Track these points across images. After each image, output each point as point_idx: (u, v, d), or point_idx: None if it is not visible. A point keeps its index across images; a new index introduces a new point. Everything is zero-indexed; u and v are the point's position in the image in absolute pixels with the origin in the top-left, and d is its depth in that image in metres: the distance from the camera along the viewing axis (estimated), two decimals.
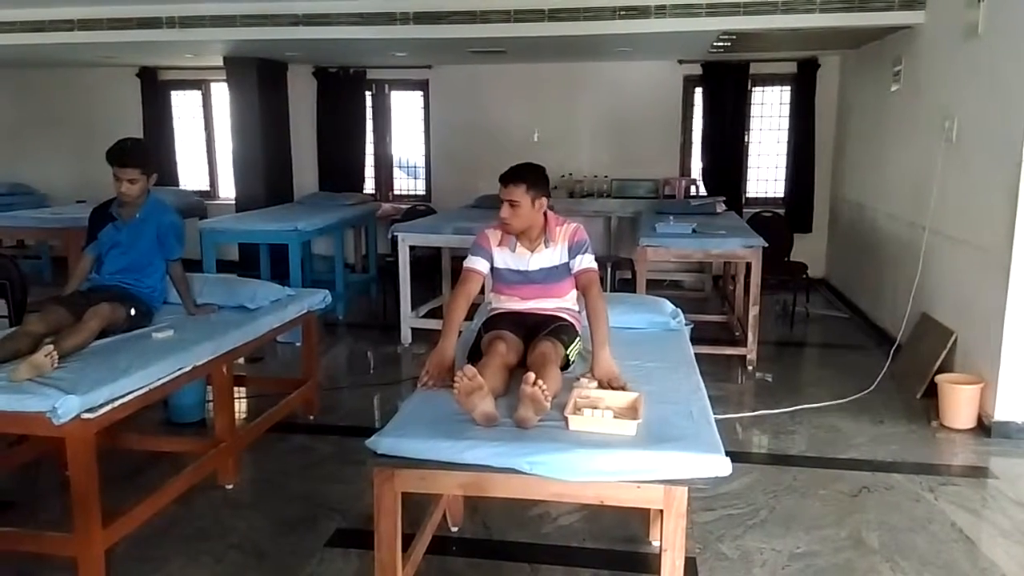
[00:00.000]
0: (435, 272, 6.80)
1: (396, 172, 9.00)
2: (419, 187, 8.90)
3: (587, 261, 2.84)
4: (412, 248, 5.88)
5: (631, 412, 2.30)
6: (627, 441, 2.13)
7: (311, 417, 4.40)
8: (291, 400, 4.20)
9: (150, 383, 2.90)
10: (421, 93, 8.55)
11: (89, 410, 2.58)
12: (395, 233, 5.83)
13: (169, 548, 3.03)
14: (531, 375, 2.24)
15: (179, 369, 3.10)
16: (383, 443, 2.16)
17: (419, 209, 7.78)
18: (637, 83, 7.97)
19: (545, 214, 2.87)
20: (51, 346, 2.76)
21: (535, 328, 2.77)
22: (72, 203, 7.95)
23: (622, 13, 5.58)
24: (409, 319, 5.93)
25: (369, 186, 8.79)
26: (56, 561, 2.84)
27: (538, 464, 2.06)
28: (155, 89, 8.84)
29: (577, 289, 2.91)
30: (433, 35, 5.90)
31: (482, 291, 3.10)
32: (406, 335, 5.92)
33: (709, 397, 2.51)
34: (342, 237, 7.11)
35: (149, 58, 8.15)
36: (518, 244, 2.88)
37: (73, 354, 2.90)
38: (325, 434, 4.24)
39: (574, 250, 2.86)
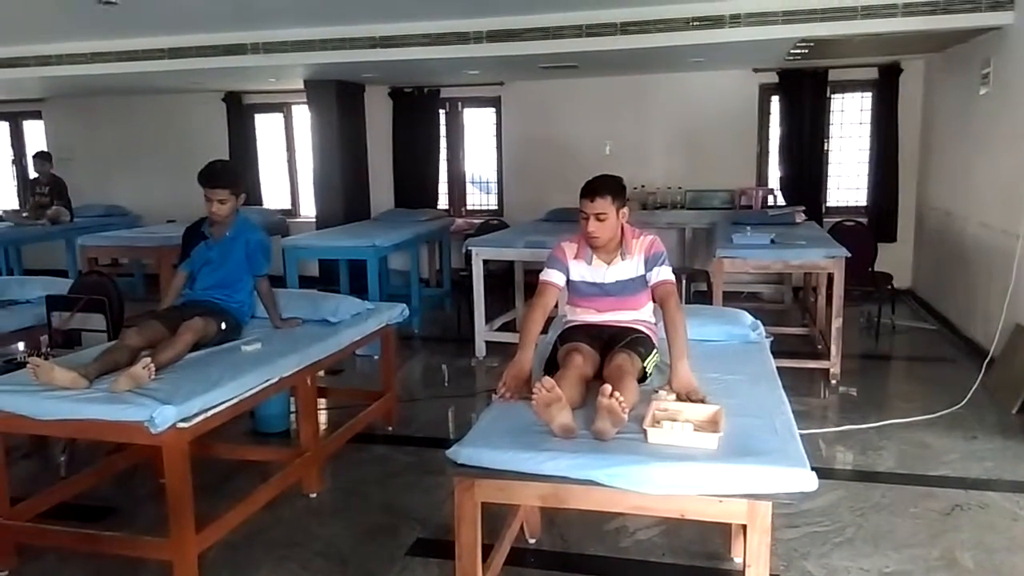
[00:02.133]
0: (508, 286, 6.86)
1: (469, 187, 9.13)
2: (491, 202, 8.99)
3: (664, 273, 2.83)
4: (485, 262, 5.95)
5: (712, 425, 2.27)
6: (708, 454, 2.11)
7: (389, 428, 4.49)
8: (371, 411, 4.30)
9: (240, 394, 3.02)
10: (493, 110, 8.66)
11: (184, 420, 2.70)
12: (469, 248, 5.91)
13: (258, 554, 3.14)
14: (608, 387, 2.24)
15: (267, 381, 3.22)
16: (463, 453, 2.19)
17: (492, 224, 7.86)
18: (711, 93, 7.89)
19: (622, 226, 2.87)
20: (148, 359, 2.90)
21: (611, 340, 2.77)
22: (163, 222, 8.34)
23: (696, 24, 5.55)
24: (483, 332, 5.98)
25: (443, 202, 8.93)
26: (152, 565, 2.98)
27: (617, 476, 2.06)
28: (240, 112, 9.21)
29: (654, 301, 2.90)
30: (506, 52, 5.98)
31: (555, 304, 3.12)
32: (480, 348, 5.98)
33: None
34: (417, 252, 7.24)
35: (234, 83, 8.50)
36: (594, 257, 2.89)
37: (168, 366, 3.05)
38: (403, 445, 4.32)
39: (651, 262, 2.85)
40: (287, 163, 9.44)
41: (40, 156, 8.41)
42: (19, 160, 10.21)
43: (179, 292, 3.71)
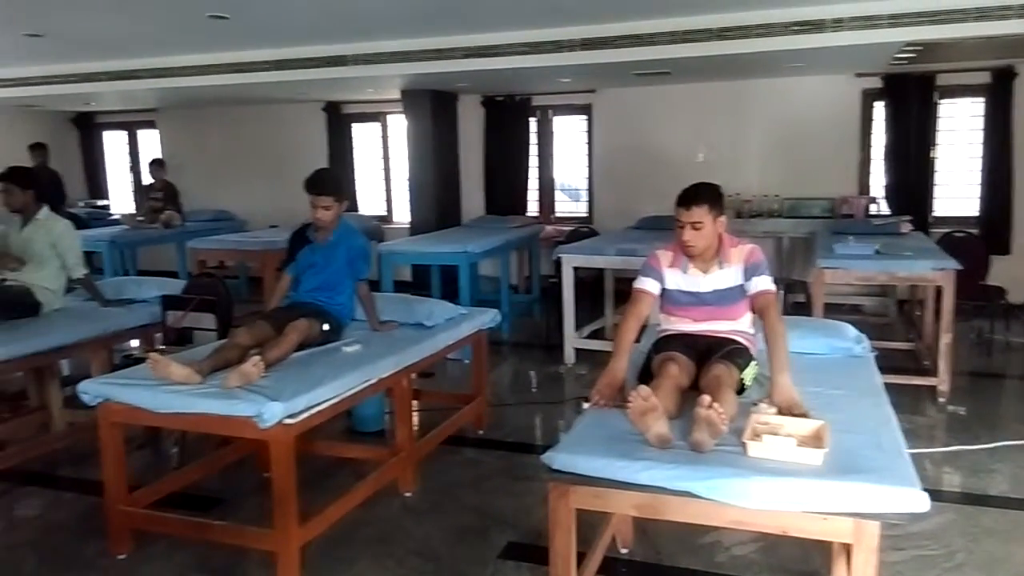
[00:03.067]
0: (598, 293, 6.84)
1: (558, 195, 9.15)
2: (581, 209, 8.99)
3: (764, 283, 2.77)
4: (575, 269, 5.95)
5: (815, 441, 2.22)
6: (812, 470, 2.06)
7: (480, 432, 4.54)
8: (462, 415, 4.38)
9: (341, 393, 3.13)
10: (584, 117, 8.66)
11: (290, 416, 2.82)
12: (559, 255, 5.93)
13: (355, 549, 3.24)
14: (706, 397, 2.22)
15: (366, 381, 3.32)
16: (558, 459, 2.20)
17: (582, 231, 7.85)
18: (810, 98, 7.66)
19: (720, 235, 2.83)
20: (258, 357, 3.04)
21: (708, 351, 2.74)
22: (266, 227, 8.70)
23: (796, 28, 5.41)
24: (572, 339, 5.99)
25: (532, 209, 8.99)
26: (255, 555, 3.11)
27: (716, 489, 2.04)
28: (339, 122, 9.52)
29: (753, 312, 2.85)
30: (599, 60, 5.98)
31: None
32: (569, 355, 5.98)
33: None
34: (507, 258, 7.31)
35: (334, 93, 8.79)
36: (690, 265, 2.86)
37: (275, 365, 3.18)
38: (493, 449, 4.36)
39: (750, 271, 2.80)
40: (383, 171, 9.70)
41: (155, 163, 8.92)
42: (135, 167, 10.85)
43: (284, 294, 3.87)
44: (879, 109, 7.62)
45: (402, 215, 9.29)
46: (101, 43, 6.52)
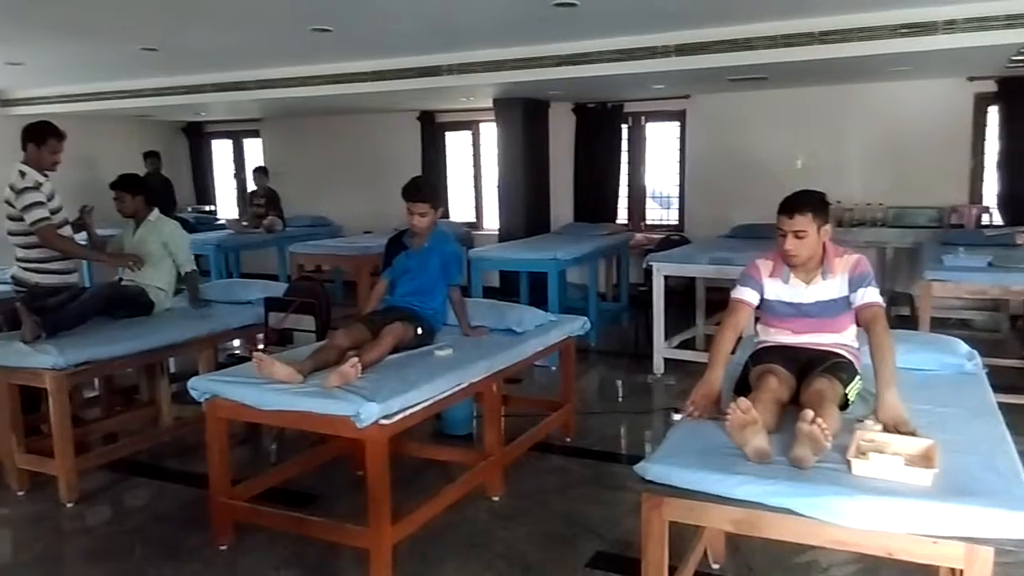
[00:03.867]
0: (688, 303, 6.72)
1: (648, 202, 9.06)
2: (671, 217, 8.87)
3: (871, 295, 2.67)
4: (666, 278, 5.87)
5: (924, 460, 2.11)
6: (921, 491, 1.96)
7: (568, 439, 4.53)
8: (550, 422, 4.38)
9: (434, 396, 3.18)
10: (678, 123, 8.55)
11: (386, 417, 2.89)
12: (650, 263, 5.86)
13: (444, 550, 3.28)
14: (809, 412, 2.15)
15: (457, 385, 3.37)
16: (652, 470, 2.18)
17: (673, 239, 7.75)
18: (918, 103, 7.33)
19: (824, 244, 2.74)
20: (356, 359, 3.13)
21: (809, 364, 2.65)
22: (361, 233, 8.95)
23: (904, 31, 5.19)
24: (662, 349, 5.91)
25: (622, 216, 8.93)
26: (348, 552, 3.19)
27: (818, 507, 1.97)
28: (432, 130, 9.71)
29: (859, 324, 2.74)
30: (695, 66, 5.88)
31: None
32: (658, 365, 5.90)
33: None
34: (596, 266, 7.28)
35: (429, 102, 8.97)
36: (792, 275, 2.78)
37: (371, 367, 3.26)
38: (580, 457, 4.35)
39: (855, 283, 2.70)
40: (473, 178, 9.83)
41: (258, 171, 9.32)
42: (239, 174, 11.35)
43: (380, 298, 3.97)
44: (993, 114, 7.23)
45: (491, 222, 9.38)
46: (210, 56, 6.86)
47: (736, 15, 5.35)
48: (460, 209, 9.88)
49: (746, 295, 2.83)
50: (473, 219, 9.80)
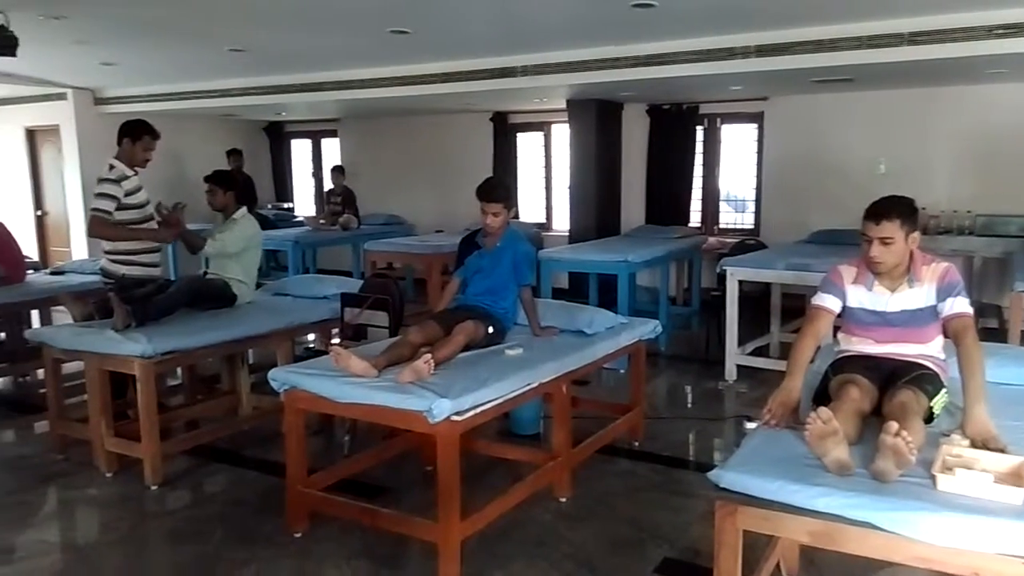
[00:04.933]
0: (762, 309, 6.59)
1: (723, 206, 8.91)
2: (746, 221, 8.70)
3: (960, 305, 2.57)
4: (740, 283, 5.76)
5: (1015, 478, 2.03)
6: (1011, 510, 1.89)
7: (636, 443, 4.50)
8: (619, 425, 4.35)
9: (504, 395, 3.21)
10: (755, 125, 8.38)
11: (457, 413, 2.92)
12: (724, 267, 5.76)
13: (511, 548, 3.30)
14: (894, 424, 2.09)
15: (527, 385, 3.38)
16: (726, 477, 2.15)
17: (748, 243, 7.60)
18: (1012, 107, 7.00)
19: (911, 252, 2.65)
20: (429, 355, 3.18)
21: (893, 375, 2.57)
22: (432, 232, 9.08)
23: (1000, 32, 4.96)
24: (734, 355, 5.80)
25: (695, 219, 8.80)
26: (417, 545, 3.23)
27: (901, 522, 1.92)
28: (504, 131, 9.76)
29: (946, 336, 2.64)
30: (776, 67, 5.75)
31: None
32: (731, 371, 5.80)
33: None
34: (667, 269, 7.19)
35: (502, 103, 9.03)
36: (876, 283, 2.70)
37: (443, 363, 3.31)
38: (648, 461, 4.31)
39: (943, 292, 2.60)
40: (544, 179, 9.85)
41: (336, 170, 9.55)
42: (317, 173, 11.64)
43: (453, 296, 4.02)
44: None
45: (561, 223, 9.38)
46: (293, 57, 7.06)
47: (820, 15, 5.22)
48: (530, 210, 9.91)
49: (827, 302, 2.75)
50: (543, 220, 9.82)
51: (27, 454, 4.54)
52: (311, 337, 6.45)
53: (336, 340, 4.84)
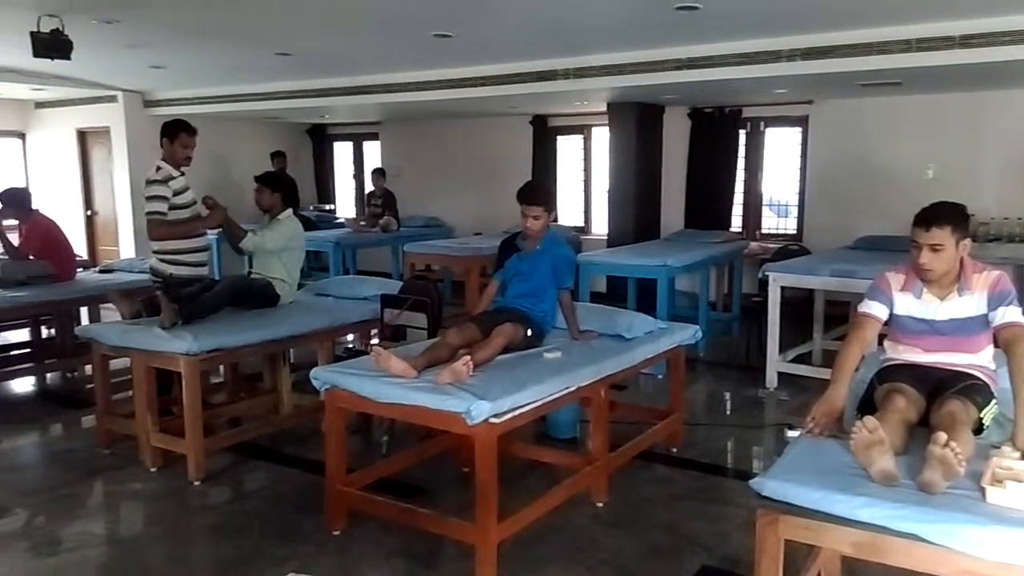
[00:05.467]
0: (804, 316, 6.48)
1: (765, 210, 8.80)
2: (789, 226, 8.58)
3: (1013, 314, 2.50)
4: (782, 289, 5.68)
5: None
6: None
7: (674, 450, 4.46)
8: (657, 431, 4.32)
9: (543, 398, 3.21)
10: (799, 129, 8.27)
11: (496, 415, 2.93)
12: (767, 272, 5.69)
13: (547, 551, 3.30)
14: (942, 435, 2.04)
15: (566, 388, 3.38)
16: (768, 485, 2.12)
17: (791, 249, 7.49)
18: None
19: (961, 259, 2.59)
20: (468, 357, 3.19)
21: (940, 385, 2.51)
22: (471, 235, 9.11)
23: None
24: (776, 363, 5.72)
25: (736, 224, 8.71)
26: (453, 546, 3.24)
27: (949, 535, 1.88)
28: (544, 134, 9.76)
29: (997, 345, 2.57)
30: (823, 70, 5.66)
31: None
32: (771, 379, 5.72)
33: None
34: (707, 274, 7.12)
35: (543, 107, 9.03)
36: (925, 290, 2.64)
37: (482, 366, 3.31)
38: (686, 468, 4.27)
39: (995, 301, 2.53)
40: (582, 182, 9.82)
41: (377, 172, 9.65)
42: (358, 175, 11.76)
43: (492, 299, 4.02)
44: None
45: (600, 226, 9.35)
46: (338, 61, 7.15)
47: (868, 18, 5.13)
48: (569, 213, 9.89)
49: (874, 309, 2.70)
50: (581, 223, 9.79)
51: (74, 448, 4.67)
52: (350, 337, 6.52)
53: (375, 340, 4.89)
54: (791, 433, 2.53)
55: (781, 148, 8.55)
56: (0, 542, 3.44)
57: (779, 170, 8.59)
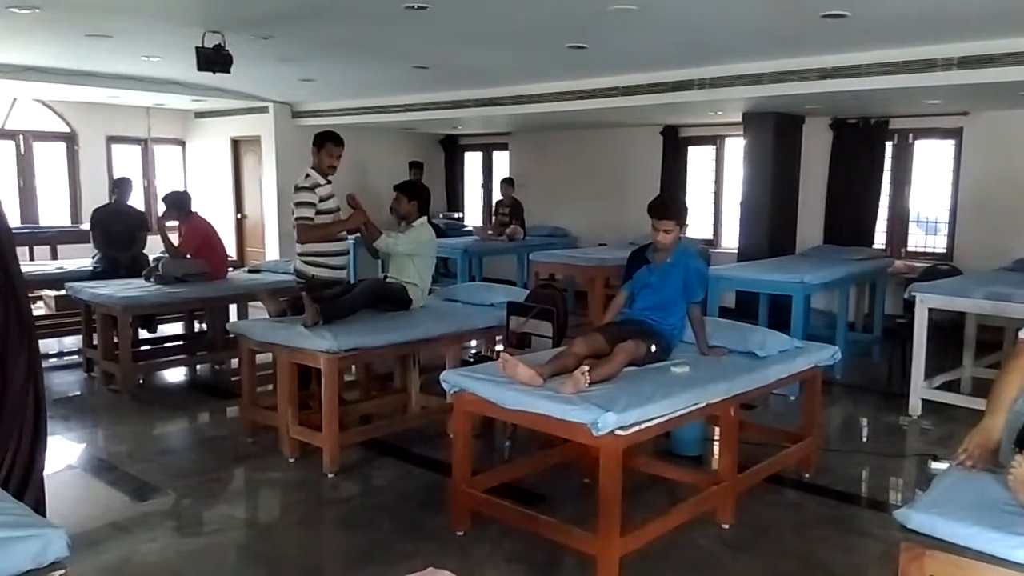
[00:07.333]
0: (953, 341, 6.05)
1: (912, 227, 8.28)
2: (938, 244, 8.04)
3: None
4: (930, 311, 5.33)
5: None
6: None
7: (806, 475, 4.27)
8: (789, 454, 4.16)
9: (670, 413, 3.16)
10: (952, 142, 7.74)
11: (621, 428, 2.91)
12: (913, 292, 5.35)
13: (669, 570, 3.24)
14: None
15: (694, 404, 3.31)
16: (915, 518, 2.01)
17: (940, 268, 7.03)
18: None
19: None
20: (587, 367, 3.18)
21: None
22: (595, 245, 9.08)
23: None
24: (920, 389, 5.37)
25: (879, 241, 8.25)
26: (572, 556, 3.23)
27: None
28: (675, 145, 9.60)
29: None
30: (980, 80, 5.29)
31: None
32: (915, 406, 5.37)
33: None
34: (847, 292, 6.79)
35: (675, 117, 8.90)
36: None
37: (601, 383, 3.24)
38: (818, 495, 4.08)
39: None
40: (713, 194, 9.59)
41: (506, 181, 9.81)
42: (487, 184, 12.00)
43: (619, 309, 4.00)
44: None
45: (730, 239, 9.10)
46: (472, 73, 7.34)
47: None
48: (698, 225, 9.68)
49: None
50: (711, 236, 9.56)
51: (221, 435, 5.00)
52: (474, 343, 6.65)
53: (500, 347, 4.97)
54: (936, 465, 2.38)
55: (931, 161, 8.03)
56: (153, 520, 3.73)
57: (928, 184, 8.08)
